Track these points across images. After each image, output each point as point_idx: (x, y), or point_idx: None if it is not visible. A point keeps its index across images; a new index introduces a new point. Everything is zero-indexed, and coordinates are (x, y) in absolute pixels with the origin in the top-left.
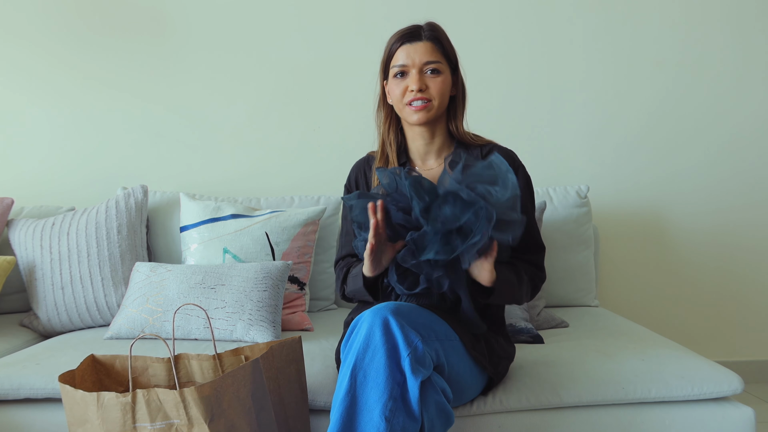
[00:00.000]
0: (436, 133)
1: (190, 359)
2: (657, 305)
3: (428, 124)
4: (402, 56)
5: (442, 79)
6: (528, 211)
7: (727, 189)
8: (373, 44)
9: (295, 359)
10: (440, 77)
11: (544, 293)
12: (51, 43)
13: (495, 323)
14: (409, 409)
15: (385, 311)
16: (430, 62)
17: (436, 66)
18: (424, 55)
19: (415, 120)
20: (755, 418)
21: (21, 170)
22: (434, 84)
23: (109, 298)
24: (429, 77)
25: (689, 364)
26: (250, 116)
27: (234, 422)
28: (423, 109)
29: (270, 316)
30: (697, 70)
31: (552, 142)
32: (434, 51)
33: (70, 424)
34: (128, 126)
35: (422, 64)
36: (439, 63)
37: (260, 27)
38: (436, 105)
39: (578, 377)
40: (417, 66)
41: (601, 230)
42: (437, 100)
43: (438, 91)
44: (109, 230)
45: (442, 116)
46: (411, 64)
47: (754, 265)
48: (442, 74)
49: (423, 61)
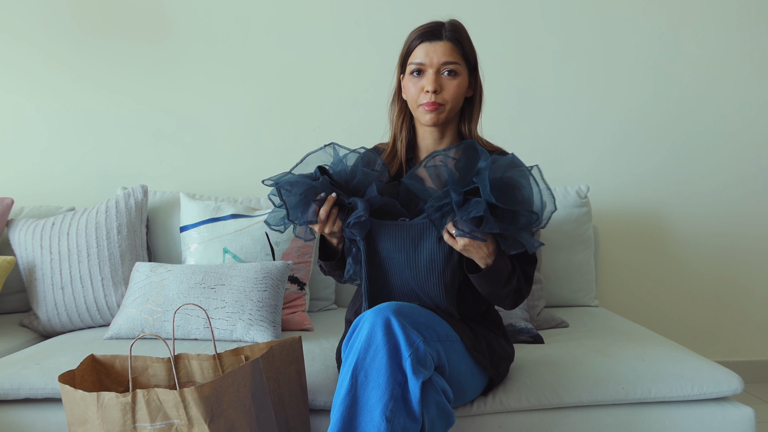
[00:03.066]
0: (446, 133)
1: (190, 359)
2: (657, 305)
3: (439, 125)
4: (420, 54)
5: (458, 81)
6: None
7: (727, 189)
8: (373, 44)
9: (295, 359)
10: (456, 79)
11: (544, 293)
12: (51, 43)
13: (494, 323)
14: (410, 410)
15: (387, 311)
16: (448, 63)
17: (454, 67)
18: (443, 56)
19: (426, 120)
20: (755, 418)
21: (21, 170)
22: (450, 86)
23: (109, 298)
24: (445, 78)
25: (689, 364)
26: (250, 116)
27: (234, 422)
28: (435, 110)
29: (270, 316)
30: (697, 70)
31: (552, 142)
32: (453, 52)
33: (70, 424)
34: (128, 126)
35: (440, 65)
36: (457, 64)
37: (260, 27)
38: (448, 108)
39: (578, 377)
40: (434, 66)
41: (601, 230)
42: (450, 103)
43: (452, 93)
44: (109, 230)
45: (454, 117)
46: (429, 63)
47: (754, 265)
48: (459, 76)
49: (441, 61)
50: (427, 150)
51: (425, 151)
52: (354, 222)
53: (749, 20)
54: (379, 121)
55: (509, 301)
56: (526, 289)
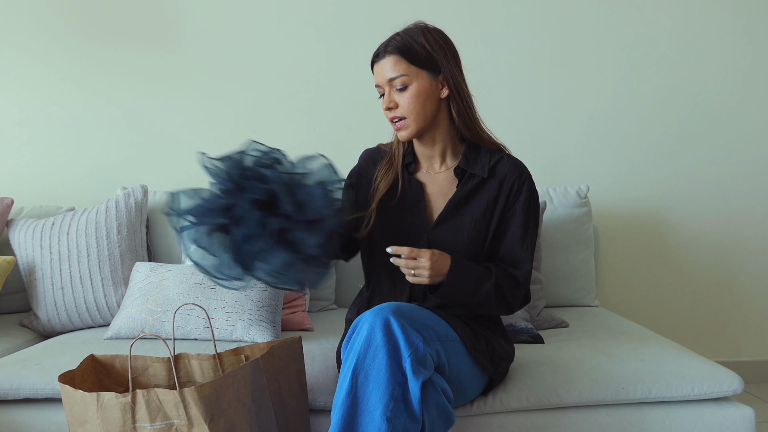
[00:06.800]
0: (436, 138)
1: (190, 359)
2: (657, 305)
3: (421, 136)
4: (375, 76)
5: (411, 92)
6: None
7: (728, 189)
8: (374, 44)
9: (295, 359)
10: (408, 91)
11: (544, 293)
12: (51, 45)
13: (493, 323)
14: (410, 410)
15: (386, 312)
16: (393, 78)
17: (400, 80)
18: (387, 72)
19: (401, 137)
20: (755, 418)
21: (21, 170)
22: (402, 99)
23: (109, 298)
24: (397, 93)
25: (689, 364)
26: (250, 116)
27: (234, 422)
28: (402, 127)
29: (270, 316)
30: (697, 70)
31: (552, 142)
32: (397, 64)
33: (70, 424)
34: (128, 126)
35: (387, 82)
36: (403, 76)
37: (261, 28)
38: (411, 120)
39: (578, 377)
40: (385, 84)
41: (601, 230)
42: (411, 115)
43: (408, 105)
44: (109, 230)
45: (437, 121)
46: (381, 82)
47: (754, 265)
48: (411, 86)
49: (386, 78)
50: (424, 157)
51: (423, 158)
52: (316, 280)
53: (750, 20)
54: (379, 121)
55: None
56: (511, 294)
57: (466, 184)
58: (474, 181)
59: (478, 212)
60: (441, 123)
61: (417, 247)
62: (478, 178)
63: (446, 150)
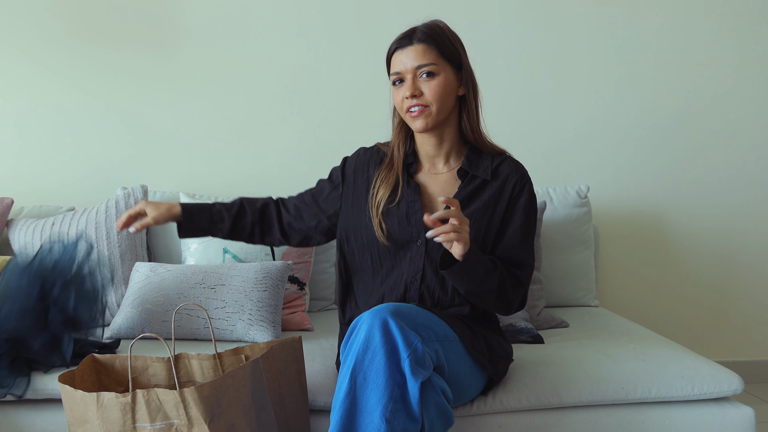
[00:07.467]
0: (445, 137)
1: (190, 359)
2: (657, 305)
3: (434, 129)
4: (396, 63)
5: (438, 81)
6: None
7: (728, 189)
8: (372, 44)
9: (295, 359)
10: (436, 79)
11: (544, 293)
12: (51, 43)
13: (492, 322)
14: (409, 411)
15: (384, 312)
16: (423, 65)
17: (430, 68)
18: (416, 59)
19: (417, 127)
20: (755, 418)
21: (21, 170)
22: (429, 87)
23: (108, 297)
24: (423, 81)
25: (689, 364)
26: (250, 116)
27: (234, 422)
28: (421, 114)
29: (270, 316)
30: (697, 70)
31: (552, 142)
32: (427, 53)
33: (70, 424)
34: (128, 126)
35: (414, 69)
36: (433, 65)
37: (260, 27)
38: (434, 109)
39: (578, 377)
40: (410, 71)
41: (601, 230)
42: (435, 105)
43: (434, 94)
44: (109, 230)
45: (449, 119)
46: (404, 70)
47: (754, 265)
48: (439, 75)
49: (414, 65)
50: (427, 156)
51: (426, 158)
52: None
53: (751, 21)
54: (379, 121)
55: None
56: (513, 291)
57: (468, 185)
58: (476, 182)
59: (478, 213)
60: (451, 122)
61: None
62: (480, 180)
63: (451, 150)
